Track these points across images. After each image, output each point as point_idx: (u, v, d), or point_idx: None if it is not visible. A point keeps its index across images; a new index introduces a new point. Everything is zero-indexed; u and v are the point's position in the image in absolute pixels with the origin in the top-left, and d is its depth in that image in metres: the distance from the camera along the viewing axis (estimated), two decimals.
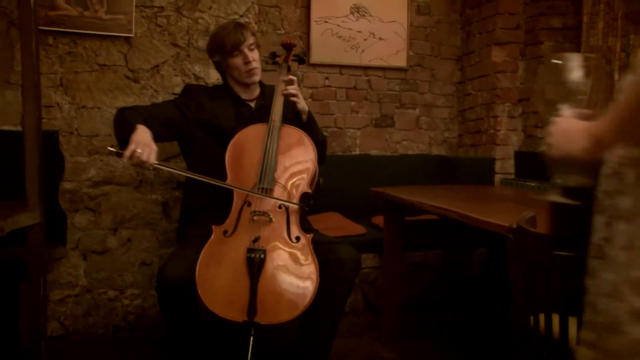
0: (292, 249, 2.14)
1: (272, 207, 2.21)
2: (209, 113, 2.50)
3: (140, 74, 3.03)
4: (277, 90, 2.50)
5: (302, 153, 2.41)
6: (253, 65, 2.51)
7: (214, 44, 2.57)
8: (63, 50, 2.94)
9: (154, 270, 3.07)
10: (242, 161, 2.34)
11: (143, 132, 2.15)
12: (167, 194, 3.08)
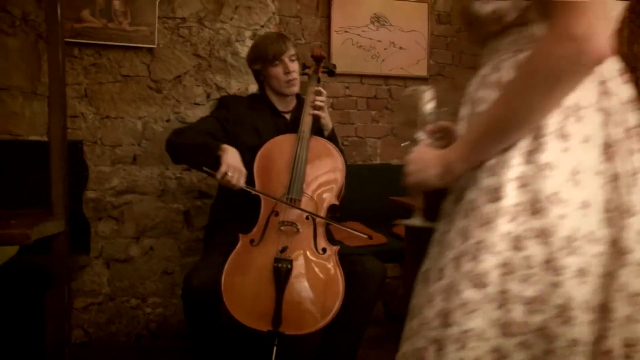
0: (318, 260, 2.14)
1: (299, 217, 2.22)
2: (249, 127, 2.50)
3: (162, 84, 3.07)
4: (307, 102, 2.50)
5: (330, 164, 2.42)
6: (293, 75, 2.52)
7: (255, 52, 2.58)
8: (88, 62, 2.98)
9: (175, 279, 3.09)
10: (271, 171, 2.35)
11: (234, 154, 2.21)
12: (189, 203, 3.10)
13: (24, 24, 2.88)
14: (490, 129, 0.91)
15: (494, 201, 0.88)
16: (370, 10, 3.86)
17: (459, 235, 0.93)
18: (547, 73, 0.83)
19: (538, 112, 0.87)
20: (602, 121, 0.90)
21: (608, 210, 0.86)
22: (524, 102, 0.86)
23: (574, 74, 0.84)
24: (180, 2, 3.06)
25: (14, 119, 2.90)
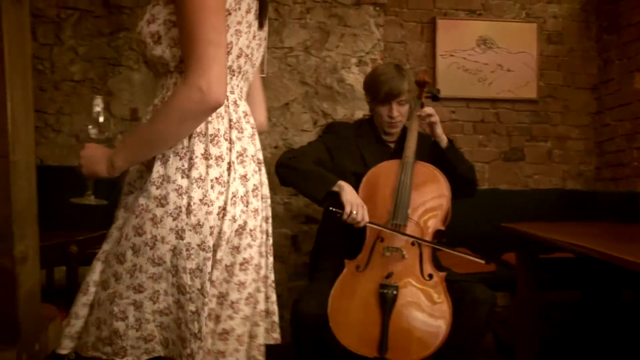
0: (425, 287, 2.11)
1: (405, 243, 2.20)
2: (354, 154, 2.52)
3: (271, 111, 3.17)
4: (411, 127, 2.48)
5: (435, 189, 2.38)
6: (396, 120, 2.49)
7: (369, 85, 2.55)
8: None
9: (283, 303, 3.14)
10: (375, 197, 2.35)
11: (352, 192, 2.27)
12: (296, 227, 3.16)
13: None
14: (142, 143, 1.22)
15: (162, 206, 1.21)
16: (476, 33, 3.80)
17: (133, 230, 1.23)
18: (180, 111, 1.15)
19: (173, 137, 1.20)
20: (228, 147, 1.26)
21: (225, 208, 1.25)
22: (164, 129, 1.18)
23: (199, 114, 1.17)
24: (288, 32, 3.17)
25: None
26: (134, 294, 1.23)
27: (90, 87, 3.09)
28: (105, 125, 1.37)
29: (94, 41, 3.09)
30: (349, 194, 2.24)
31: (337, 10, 3.19)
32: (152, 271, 1.24)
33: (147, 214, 1.22)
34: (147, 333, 1.25)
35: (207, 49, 1.15)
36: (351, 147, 2.53)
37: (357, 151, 2.52)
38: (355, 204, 2.22)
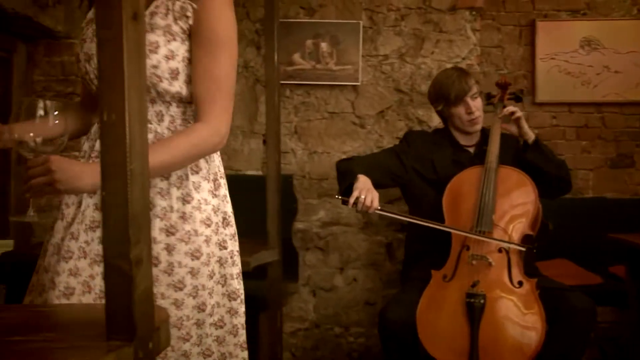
0: (514, 295, 2.05)
1: (491, 250, 2.15)
2: (426, 161, 2.52)
3: (366, 120, 3.19)
4: (493, 131, 2.45)
5: (521, 194, 2.31)
6: (475, 114, 2.48)
7: (436, 92, 2.57)
8: (298, 101, 3.21)
9: (377, 310, 3.13)
10: (459, 205, 2.32)
11: (365, 181, 2.26)
12: (391, 235, 3.15)
13: (245, 71, 3.20)
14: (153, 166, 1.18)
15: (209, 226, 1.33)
16: (579, 34, 3.63)
17: (188, 256, 1.30)
18: (197, 150, 1.27)
19: (177, 168, 1.30)
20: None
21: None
22: (174, 161, 1.26)
23: (209, 153, 1.34)
24: (383, 40, 3.17)
25: (235, 155, 3.22)
26: (197, 313, 1.30)
27: None
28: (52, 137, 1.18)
29: None
30: (360, 182, 2.22)
31: (432, 16, 3.16)
32: (209, 286, 1.31)
33: (199, 237, 1.30)
34: (205, 347, 1.32)
35: (230, 102, 1.33)
36: (423, 154, 2.53)
37: (429, 158, 2.52)
38: (364, 189, 2.18)
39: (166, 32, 1.28)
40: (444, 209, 2.32)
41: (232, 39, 1.33)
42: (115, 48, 0.90)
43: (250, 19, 3.20)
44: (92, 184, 1.16)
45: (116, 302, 0.93)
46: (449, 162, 2.51)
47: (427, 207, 2.42)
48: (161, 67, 1.27)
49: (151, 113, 1.32)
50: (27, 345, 0.94)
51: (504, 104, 2.57)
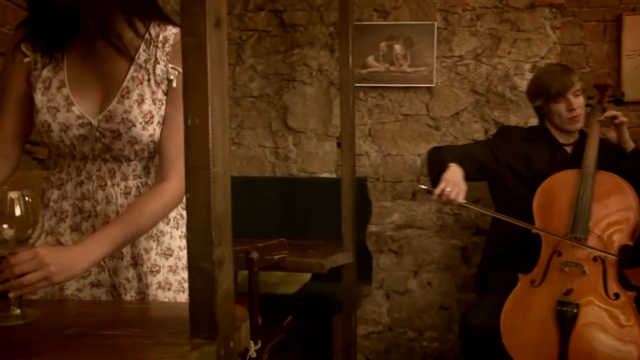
0: (610, 307, 1.96)
1: (585, 258, 2.06)
2: (521, 156, 2.44)
3: (440, 121, 3.14)
4: (591, 134, 2.34)
5: (620, 201, 2.20)
6: (577, 112, 2.38)
7: (536, 87, 2.49)
8: (371, 103, 3.20)
9: (452, 315, 3.08)
10: (552, 208, 2.23)
11: (455, 171, 2.20)
12: (466, 239, 3.09)
13: (319, 74, 3.23)
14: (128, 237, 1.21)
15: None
16: None
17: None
18: (170, 207, 1.28)
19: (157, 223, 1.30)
20: None
21: None
22: (156, 221, 1.27)
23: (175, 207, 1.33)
24: (458, 41, 3.12)
25: (309, 158, 3.25)
26: None
27: (267, 102, 3.29)
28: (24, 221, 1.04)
29: (270, 59, 3.28)
30: (449, 173, 2.16)
31: (509, 15, 3.07)
32: None
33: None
34: None
35: None
36: (518, 150, 2.45)
37: (524, 154, 2.44)
38: (451, 181, 2.12)
39: (155, 99, 1.29)
40: (535, 210, 2.24)
41: None
42: (200, 55, 0.93)
43: (324, 23, 3.22)
44: (87, 266, 1.15)
45: (199, 302, 0.96)
46: (545, 160, 2.42)
47: (515, 205, 2.34)
48: (133, 111, 1.27)
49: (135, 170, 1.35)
50: (118, 340, 0.98)
51: (602, 106, 2.47)
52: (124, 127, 1.26)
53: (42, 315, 1.14)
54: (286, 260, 2.08)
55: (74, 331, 1.04)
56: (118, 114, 1.26)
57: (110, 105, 1.27)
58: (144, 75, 1.28)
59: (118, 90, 1.27)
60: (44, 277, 1.06)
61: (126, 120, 1.26)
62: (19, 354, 0.93)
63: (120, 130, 1.27)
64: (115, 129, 1.26)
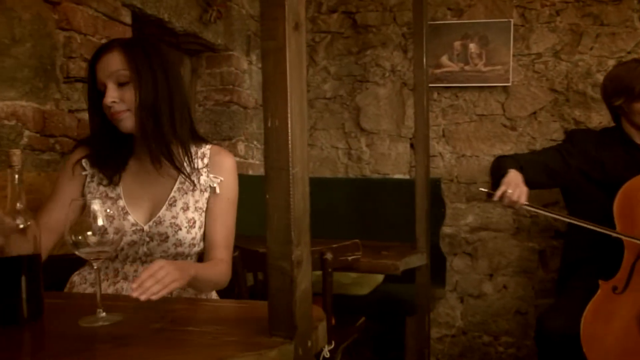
0: None
1: None
2: (594, 161, 2.35)
3: (517, 121, 3.06)
4: None
5: None
6: None
7: (615, 86, 2.35)
8: (445, 104, 3.16)
9: (529, 320, 2.99)
10: (635, 212, 2.13)
11: (515, 175, 2.18)
12: (544, 242, 2.99)
13: (392, 75, 3.21)
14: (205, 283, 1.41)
15: None
16: None
17: None
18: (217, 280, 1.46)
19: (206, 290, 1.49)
20: None
21: None
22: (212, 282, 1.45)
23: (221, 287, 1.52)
24: (535, 38, 3.02)
25: (382, 159, 3.24)
26: None
27: (340, 104, 3.30)
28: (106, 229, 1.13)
29: (343, 60, 3.29)
30: (509, 177, 2.13)
31: (592, 9, 2.95)
32: None
33: None
34: None
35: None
36: (591, 154, 2.35)
37: (597, 158, 2.33)
38: (512, 184, 2.09)
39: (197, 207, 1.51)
40: (616, 214, 2.14)
41: (237, 196, 1.58)
42: (280, 57, 0.94)
43: (397, 23, 3.20)
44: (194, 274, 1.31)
45: (278, 301, 0.97)
46: (621, 163, 2.31)
47: (592, 210, 2.26)
48: (179, 217, 1.49)
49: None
50: (200, 336, 1.01)
51: None
52: (172, 230, 1.47)
53: (128, 310, 1.19)
54: (360, 261, 2.08)
55: (159, 326, 1.08)
56: (167, 220, 1.47)
57: (159, 212, 1.48)
58: (189, 186, 1.51)
59: (166, 200, 1.50)
60: (174, 279, 1.21)
61: (174, 225, 1.47)
62: (109, 347, 0.98)
63: (168, 233, 1.47)
64: (164, 232, 1.47)
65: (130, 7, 2.13)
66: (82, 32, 1.89)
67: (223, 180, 1.52)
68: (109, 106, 1.42)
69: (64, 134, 1.86)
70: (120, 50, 1.43)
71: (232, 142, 2.92)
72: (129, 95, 1.42)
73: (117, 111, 1.43)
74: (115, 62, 1.42)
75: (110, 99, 1.41)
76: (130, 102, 1.42)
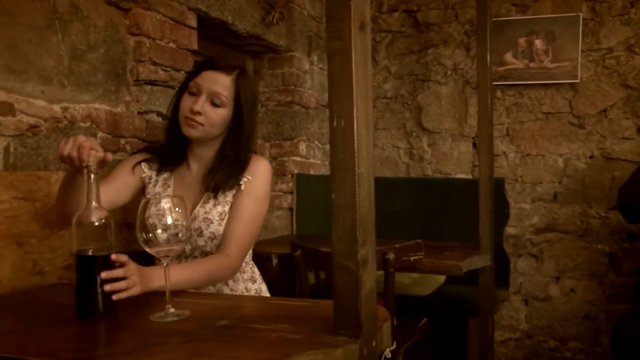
0: None
1: None
2: None
3: (585, 119, 2.95)
4: None
5: None
6: None
7: None
8: (509, 102, 3.08)
9: (600, 325, 2.89)
10: None
11: None
12: (615, 244, 2.88)
13: (454, 73, 3.17)
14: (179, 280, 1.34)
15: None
16: None
17: None
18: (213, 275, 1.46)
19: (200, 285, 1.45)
20: None
21: None
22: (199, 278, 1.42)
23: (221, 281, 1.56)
24: (606, 31, 2.91)
25: (444, 159, 3.20)
26: None
27: (401, 103, 3.28)
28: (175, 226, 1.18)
29: (404, 59, 3.27)
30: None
31: None
32: None
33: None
34: None
35: (249, 244, 1.56)
36: None
37: None
38: None
39: (227, 201, 1.57)
40: None
41: (265, 195, 1.61)
42: (345, 57, 0.95)
43: (459, 21, 3.15)
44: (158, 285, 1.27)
45: (344, 300, 0.97)
46: None
47: None
48: (212, 212, 1.56)
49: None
50: (266, 333, 1.03)
51: None
52: (205, 224, 1.54)
53: (195, 306, 1.22)
54: (422, 262, 2.06)
55: (226, 323, 1.11)
56: (200, 215, 1.55)
57: (195, 209, 1.57)
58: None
59: (202, 198, 1.58)
60: (133, 283, 1.21)
61: (206, 219, 1.55)
62: (180, 342, 1.01)
63: (202, 227, 1.55)
64: (198, 227, 1.55)
65: (195, 11, 2.18)
66: (150, 37, 1.95)
67: (250, 179, 1.57)
68: (192, 111, 1.52)
69: (133, 135, 1.93)
70: (234, 81, 1.55)
71: (294, 142, 2.95)
72: (214, 115, 1.53)
73: (194, 120, 1.52)
74: (224, 85, 1.54)
75: (199, 108, 1.51)
76: (210, 121, 1.54)
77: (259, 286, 1.67)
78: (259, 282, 1.68)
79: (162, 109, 2.01)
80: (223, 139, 1.61)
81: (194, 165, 1.64)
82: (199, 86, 1.53)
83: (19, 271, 1.49)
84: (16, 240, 1.51)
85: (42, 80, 1.61)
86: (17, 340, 1.07)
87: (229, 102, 1.54)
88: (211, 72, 1.54)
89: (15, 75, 1.54)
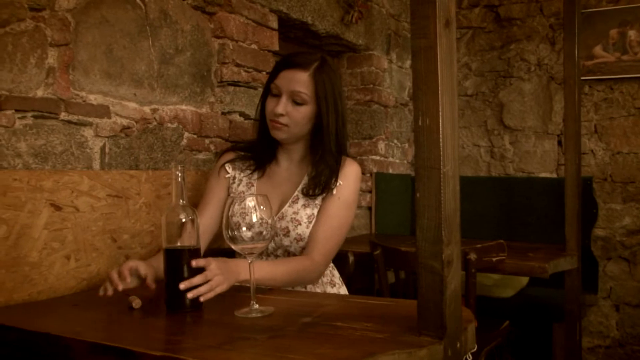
0: None
1: None
2: None
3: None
4: None
5: None
6: None
7: None
8: (598, 98, 2.95)
9: None
10: None
11: None
12: None
13: (538, 69, 3.06)
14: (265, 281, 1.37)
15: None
16: None
17: None
18: (299, 275, 1.47)
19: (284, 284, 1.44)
20: None
21: None
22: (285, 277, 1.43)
23: (306, 283, 1.57)
24: None
25: (527, 157, 3.10)
26: None
27: (482, 100, 3.20)
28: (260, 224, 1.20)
29: (485, 56, 3.19)
30: None
31: None
32: None
33: None
34: None
35: (335, 249, 1.55)
36: None
37: None
38: None
39: (316, 204, 1.57)
40: None
41: (354, 202, 1.60)
42: (431, 55, 0.94)
43: (544, 14, 3.04)
44: (244, 277, 1.29)
45: (428, 300, 0.96)
46: None
47: None
48: (300, 213, 1.55)
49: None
50: (349, 331, 1.03)
51: None
52: (292, 225, 1.54)
53: (278, 303, 1.25)
54: (505, 263, 2.01)
55: (309, 320, 1.12)
56: (288, 215, 1.55)
57: (283, 208, 1.56)
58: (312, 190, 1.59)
59: (290, 197, 1.58)
60: (219, 283, 1.23)
61: (294, 220, 1.54)
62: (264, 337, 1.03)
63: (289, 228, 1.54)
64: (285, 226, 1.54)
65: (277, 13, 2.22)
66: (234, 39, 2.00)
67: (342, 184, 1.56)
68: (276, 114, 1.52)
69: (217, 135, 1.98)
70: (312, 76, 1.53)
71: (373, 141, 2.94)
72: (297, 114, 1.53)
73: (278, 122, 1.53)
74: (302, 82, 1.52)
75: (281, 110, 1.51)
76: (294, 120, 1.53)
77: (338, 290, 1.66)
78: (339, 286, 1.67)
79: (244, 109, 2.06)
80: (311, 135, 1.59)
81: (284, 162, 1.64)
82: (279, 87, 1.53)
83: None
84: (111, 235, 1.59)
85: (134, 83, 1.69)
86: (111, 329, 1.13)
87: (310, 98, 1.53)
88: (288, 71, 1.53)
89: (111, 80, 1.62)
